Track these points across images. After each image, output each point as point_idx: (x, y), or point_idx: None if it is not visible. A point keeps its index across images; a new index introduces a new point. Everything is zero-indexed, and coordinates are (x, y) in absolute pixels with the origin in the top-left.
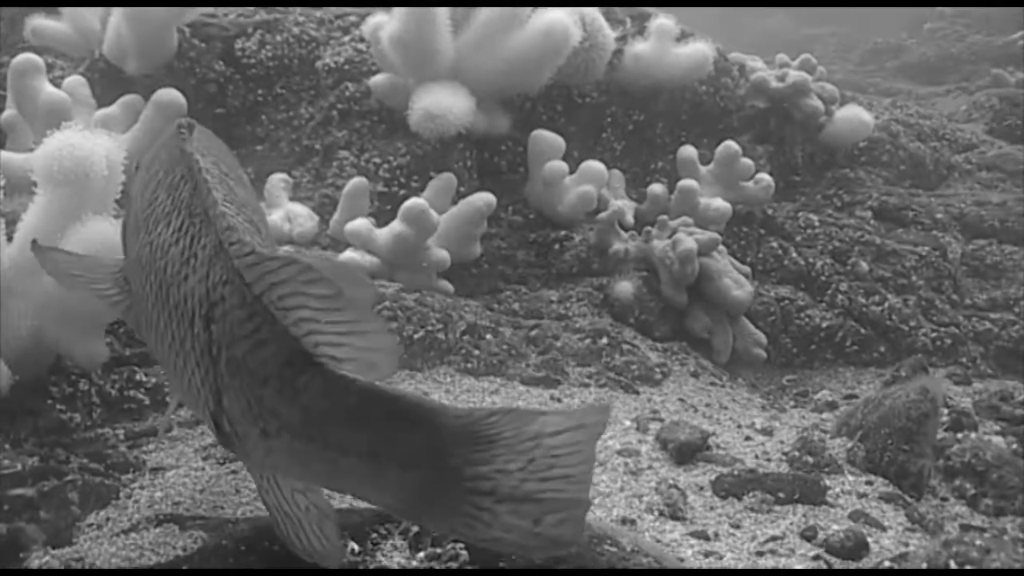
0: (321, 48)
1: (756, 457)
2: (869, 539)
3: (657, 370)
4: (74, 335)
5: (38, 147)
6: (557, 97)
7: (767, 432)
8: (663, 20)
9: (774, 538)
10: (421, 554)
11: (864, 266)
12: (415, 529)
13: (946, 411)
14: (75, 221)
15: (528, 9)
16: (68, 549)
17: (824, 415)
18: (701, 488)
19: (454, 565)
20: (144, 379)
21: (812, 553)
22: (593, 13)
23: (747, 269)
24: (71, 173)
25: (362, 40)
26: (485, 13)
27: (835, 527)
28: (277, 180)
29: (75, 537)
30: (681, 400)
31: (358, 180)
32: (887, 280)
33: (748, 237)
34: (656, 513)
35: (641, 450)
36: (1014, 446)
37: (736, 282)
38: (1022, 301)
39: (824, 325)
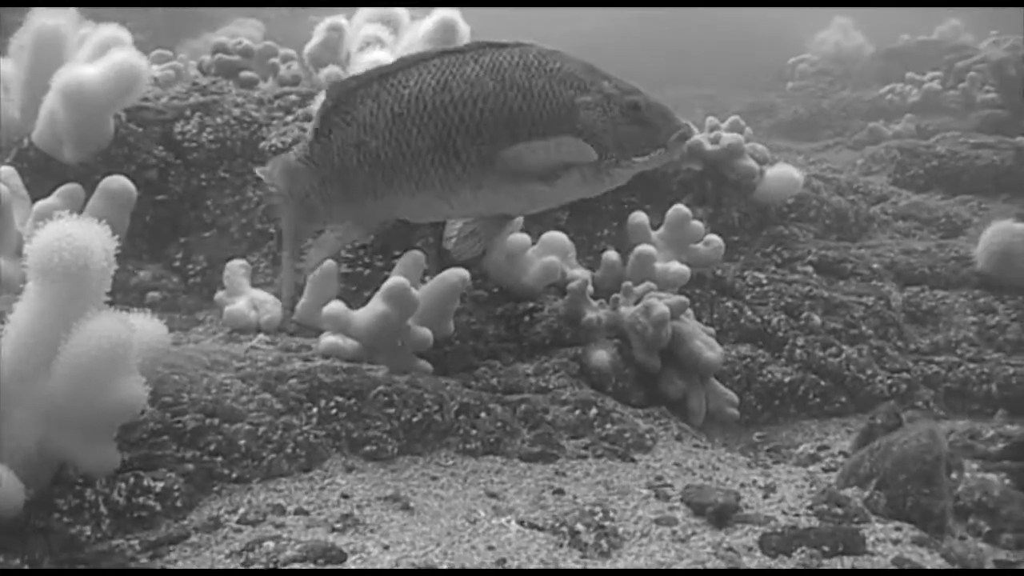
0: (264, 129)
1: (784, 513)
2: None
3: (647, 436)
4: (83, 441)
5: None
6: None
7: (772, 488)
8: None
9: None
10: None
11: (817, 319)
12: None
13: None
14: (78, 317)
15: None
16: None
17: (811, 468)
18: (750, 549)
19: None
20: (152, 484)
21: None
22: None
23: (711, 330)
24: (71, 265)
25: (307, 119)
26: None
27: None
28: (237, 267)
29: None
30: (677, 464)
31: (327, 262)
32: (839, 332)
33: (702, 299)
34: None
35: (676, 517)
36: (1007, 481)
37: (707, 344)
38: (963, 343)
39: (786, 380)
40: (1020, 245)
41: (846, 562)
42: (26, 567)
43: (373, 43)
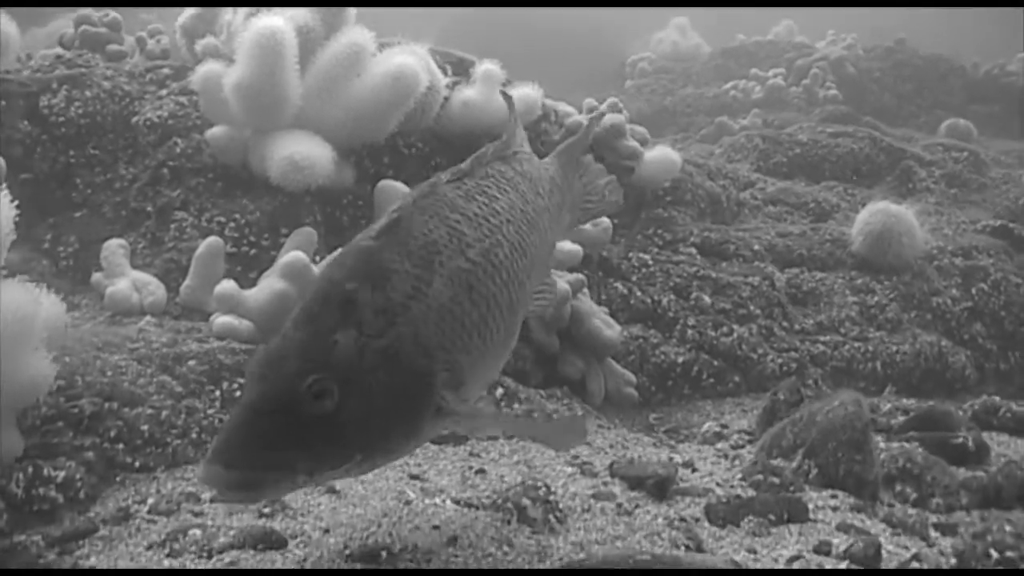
0: (136, 103)
1: (719, 485)
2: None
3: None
4: None
5: None
6: (384, 148)
7: (691, 464)
8: (489, 65)
9: (794, 558)
10: None
11: (707, 299)
12: None
13: None
14: None
15: (370, 50)
16: None
17: (718, 445)
18: (697, 520)
19: None
20: (53, 474)
21: (842, 565)
22: (425, 55)
23: (606, 309)
24: None
25: (183, 93)
26: (328, 56)
27: (836, 539)
28: (115, 246)
29: None
30: (587, 444)
31: (213, 240)
32: (728, 312)
33: (590, 280)
34: (683, 548)
35: (614, 491)
36: (920, 450)
37: (605, 322)
38: (846, 323)
39: (680, 360)
40: (897, 225)
41: (792, 529)
42: None
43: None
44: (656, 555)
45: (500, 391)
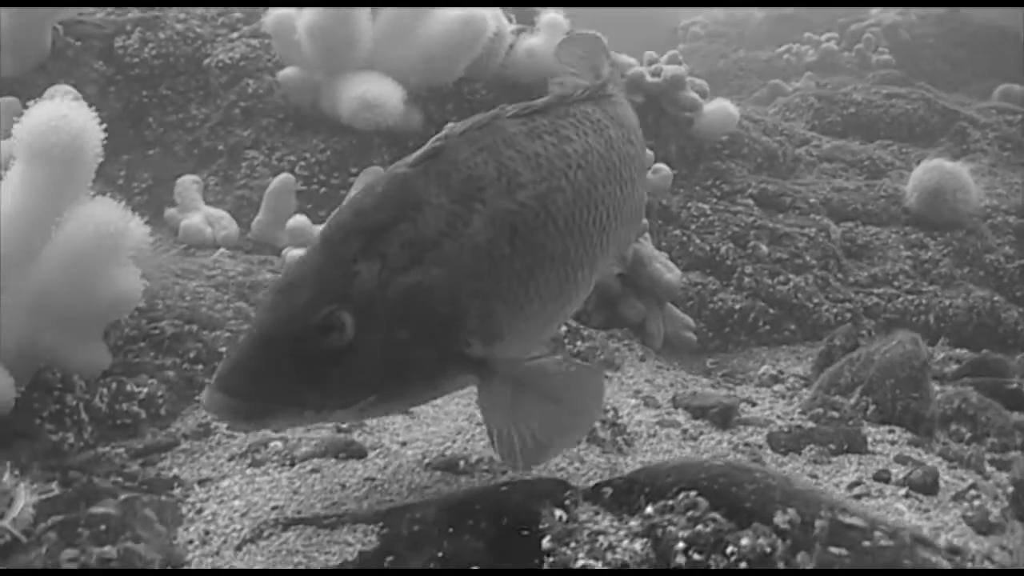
0: (208, 46)
1: (779, 418)
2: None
3: (616, 355)
4: (72, 339)
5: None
6: (449, 94)
7: (751, 402)
8: (553, 15)
9: (854, 484)
10: (649, 508)
11: (764, 249)
12: (607, 491)
13: None
14: (71, 202)
15: None
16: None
17: (775, 387)
18: (760, 447)
19: (693, 513)
20: (136, 390)
21: (901, 492)
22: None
23: (666, 255)
24: (68, 147)
25: (254, 36)
26: None
27: (895, 469)
28: (189, 182)
29: (187, 555)
30: (648, 381)
31: (285, 176)
32: (785, 261)
33: (650, 227)
34: None
35: (678, 420)
36: (974, 392)
37: (666, 266)
38: (900, 276)
39: (737, 307)
40: (951, 183)
41: (852, 459)
42: (17, 472)
43: None
44: (730, 462)
45: (563, 328)
